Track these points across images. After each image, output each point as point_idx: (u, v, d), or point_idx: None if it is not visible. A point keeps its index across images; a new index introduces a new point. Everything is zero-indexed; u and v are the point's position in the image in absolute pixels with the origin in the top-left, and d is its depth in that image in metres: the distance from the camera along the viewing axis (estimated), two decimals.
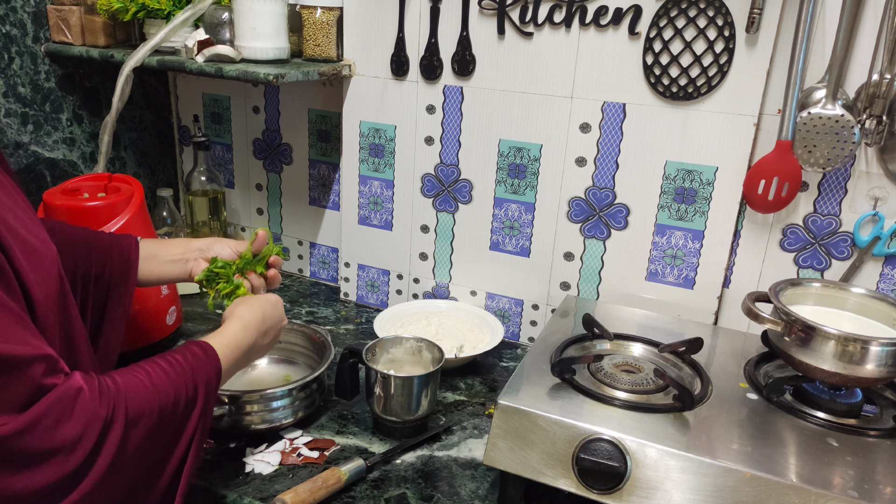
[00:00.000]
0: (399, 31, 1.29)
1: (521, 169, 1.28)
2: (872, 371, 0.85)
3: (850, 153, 1.03)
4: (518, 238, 1.33)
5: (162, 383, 0.71)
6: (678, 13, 1.08)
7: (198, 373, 0.76)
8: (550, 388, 0.91)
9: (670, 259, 1.22)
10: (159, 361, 0.74)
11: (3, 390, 0.57)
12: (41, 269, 0.68)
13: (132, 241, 0.99)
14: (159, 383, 0.71)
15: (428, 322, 1.33)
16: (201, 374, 0.76)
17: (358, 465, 0.94)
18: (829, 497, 0.73)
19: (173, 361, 0.75)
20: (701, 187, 1.16)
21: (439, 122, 1.32)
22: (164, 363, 0.74)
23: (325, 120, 1.50)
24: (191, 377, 0.75)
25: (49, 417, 0.59)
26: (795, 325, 0.89)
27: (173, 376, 0.73)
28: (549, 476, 0.84)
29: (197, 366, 0.77)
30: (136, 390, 0.68)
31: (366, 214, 1.47)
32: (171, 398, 0.72)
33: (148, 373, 0.71)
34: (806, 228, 1.12)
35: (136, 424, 0.67)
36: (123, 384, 0.68)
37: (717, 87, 1.10)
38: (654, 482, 0.79)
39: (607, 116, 1.18)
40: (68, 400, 0.61)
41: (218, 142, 1.65)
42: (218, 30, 1.29)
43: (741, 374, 0.98)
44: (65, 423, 0.60)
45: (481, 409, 1.14)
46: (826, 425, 0.86)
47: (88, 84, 1.48)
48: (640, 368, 0.98)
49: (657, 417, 0.85)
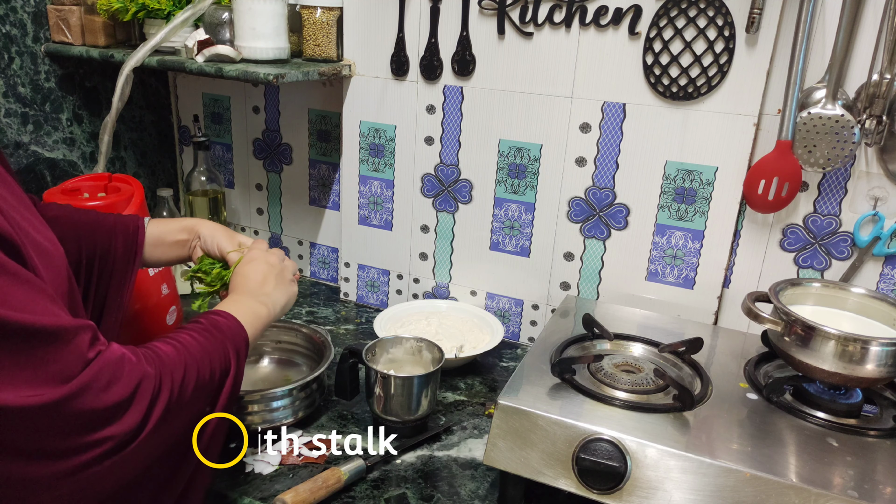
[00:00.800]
0: (399, 31, 1.29)
1: (521, 169, 1.28)
2: (872, 371, 0.85)
3: (850, 153, 1.03)
4: (518, 238, 1.33)
5: (195, 352, 0.74)
6: (678, 13, 1.08)
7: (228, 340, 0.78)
8: (550, 388, 0.91)
9: (670, 259, 1.22)
10: (190, 331, 0.77)
11: (54, 361, 0.59)
12: (51, 268, 0.69)
13: (138, 222, 0.98)
14: (193, 352, 0.74)
15: (428, 322, 1.33)
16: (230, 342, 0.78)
17: (358, 465, 0.95)
18: (829, 497, 0.73)
19: (202, 329, 0.77)
20: (701, 187, 1.16)
21: (439, 122, 1.32)
22: (194, 332, 0.77)
23: (325, 120, 1.50)
24: (221, 345, 0.77)
25: (100, 380, 0.61)
26: (795, 325, 0.89)
27: (205, 345, 0.75)
28: (549, 476, 0.84)
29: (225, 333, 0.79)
30: (173, 358, 0.71)
31: (366, 214, 1.47)
32: (205, 366, 0.74)
33: (181, 342, 0.74)
34: (806, 228, 1.12)
35: (179, 393, 0.69)
36: (162, 351, 0.71)
37: (717, 87, 1.10)
38: (654, 482, 0.79)
39: (607, 116, 1.18)
40: (115, 363, 0.64)
41: (218, 142, 1.65)
42: (218, 30, 1.29)
43: (741, 374, 0.98)
44: (116, 384, 0.63)
45: (481, 409, 1.14)
46: (826, 425, 0.86)
47: (88, 84, 1.48)
48: (640, 368, 0.98)
49: (657, 417, 0.85)
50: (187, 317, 1.38)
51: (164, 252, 1.00)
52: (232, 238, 1.00)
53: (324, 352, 1.13)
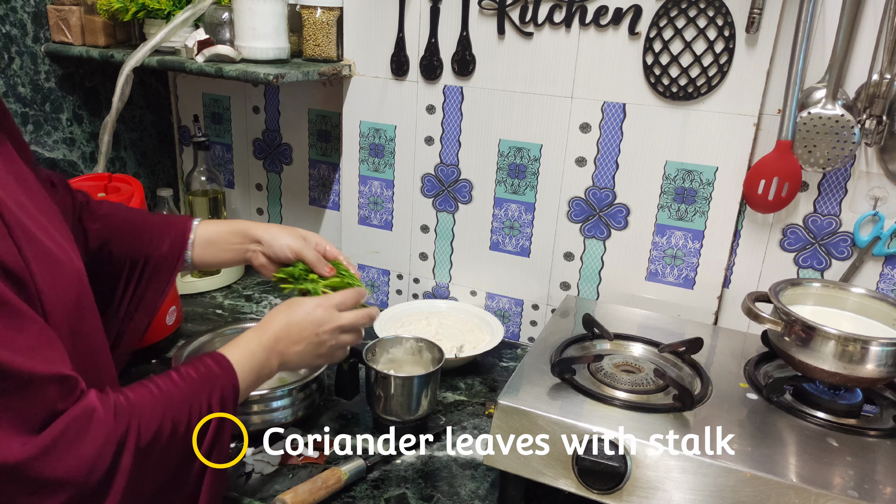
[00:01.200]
0: (399, 31, 1.29)
1: (521, 169, 1.28)
2: (872, 371, 0.85)
3: (850, 153, 1.03)
4: (518, 238, 1.33)
5: (174, 398, 0.69)
6: (678, 13, 1.08)
7: (212, 387, 0.73)
8: (550, 388, 0.91)
9: (670, 259, 1.22)
10: (172, 375, 0.72)
11: (19, 410, 0.57)
12: (59, 279, 0.67)
13: (187, 224, 0.97)
14: (171, 398, 0.69)
15: (428, 322, 1.33)
16: (216, 389, 0.73)
17: (358, 465, 0.95)
18: (829, 497, 0.73)
19: (185, 375, 0.72)
20: (701, 187, 1.16)
21: (439, 122, 1.32)
22: (176, 376, 0.72)
23: (325, 120, 1.50)
24: (204, 391, 0.72)
25: (64, 440, 0.59)
26: (795, 325, 0.89)
27: (185, 390, 0.71)
28: (549, 476, 0.84)
29: (211, 379, 0.74)
30: (147, 405, 0.67)
31: (366, 214, 1.47)
32: (183, 413, 0.69)
33: (159, 387, 0.70)
34: (806, 228, 1.12)
35: (149, 442, 0.65)
36: (136, 399, 0.66)
37: (717, 87, 1.10)
38: (654, 482, 0.79)
39: (607, 116, 1.18)
40: (83, 421, 0.61)
41: (218, 142, 1.65)
42: (218, 30, 1.29)
43: (741, 374, 0.98)
44: (79, 445, 0.60)
45: (481, 409, 1.14)
46: (826, 425, 0.86)
47: (88, 84, 1.48)
48: (640, 368, 0.98)
49: (657, 417, 0.85)
50: (187, 317, 1.38)
51: (215, 255, 0.99)
52: (296, 235, 0.98)
53: None
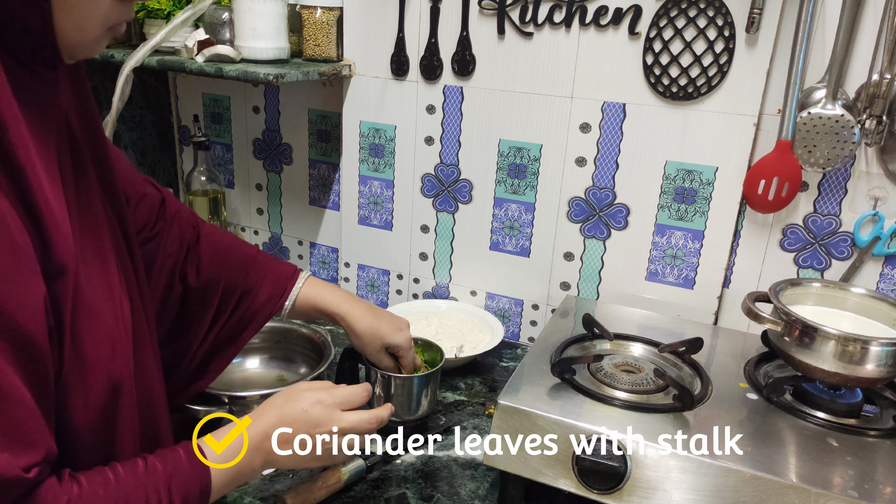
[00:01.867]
0: (399, 31, 1.29)
1: (521, 169, 1.28)
2: (872, 371, 0.85)
3: (850, 153, 1.03)
4: (518, 238, 1.33)
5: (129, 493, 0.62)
6: (678, 13, 1.08)
7: (174, 485, 0.65)
8: (550, 388, 0.91)
9: (670, 259, 1.22)
10: (137, 464, 0.65)
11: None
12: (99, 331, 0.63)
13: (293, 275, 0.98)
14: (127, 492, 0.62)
15: (428, 322, 1.33)
16: (178, 489, 0.65)
17: (358, 466, 0.95)
18: (829, 497, 0.73)
19: (150, 467, 0.65)
20: (701, 187, 1.16)
21: (439, 122, 1.32)
22: (140, 466, 0.65)
23: (325, 120, 1.50)
24: (163, 489, 0.64)
25: None
26: (795, 325, 0.89)
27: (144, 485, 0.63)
28: (549, 476, 0.84)
29: (176, 475, 0.66)
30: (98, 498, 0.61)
31: (366, 214, 1.47)
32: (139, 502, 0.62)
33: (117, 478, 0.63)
34: (806, 228, 1.12)
35: None
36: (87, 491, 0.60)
37: (717, 87, 1.10)
38: (654, 482, 0.79)
39: (607, 116, 1.18)
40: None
41: (218, 142, 1.65)
42: (218, 30, 1.29)
43: (741, 374, 0.98)
44: None
45: (481, 409, 1.14)
46: (826, 425, 0.86)
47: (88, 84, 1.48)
48: (640, 368, 0.98)
49: (657, 417, 0.85)
50: None
51: (308, 316, 1.00)
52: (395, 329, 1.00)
53: (324, 352, 1.13)
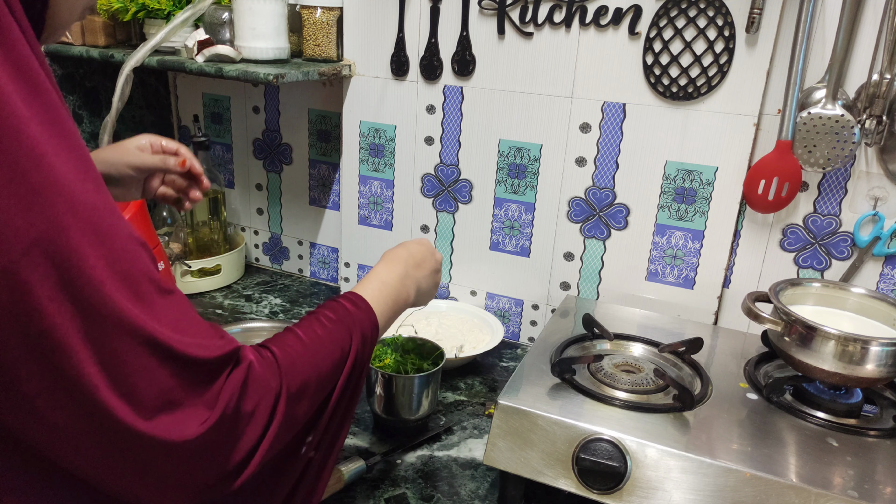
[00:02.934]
0: (399, 31, 1.29)
1: (521, 169, 1.28)
2: (872, 371, 0.85)
3: (850, 153, 1.03)
4: (518, 238, 1.33)
5: (318, 348, 0.70)
6: (678, 13, 1.08)
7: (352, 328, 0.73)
8: (550, 388, 0.91)
9: (670, 259, 1.22)
10: (312, 324, 0.72)
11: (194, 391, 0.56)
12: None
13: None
14: (315, 349, 0.69)
15: (428, 322, 1.33)
16: (356, 329, 0.74)
17: (358, 465, 0.95)
18: (829, 497, 0.73)
19: (325, 321, 0.72)
20: (701, 187, 1.16)
21: (439, 122, 1.32)
22: (316, 325, 0.72)
23: (325, 120, 1.50)
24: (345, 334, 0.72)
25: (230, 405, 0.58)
26: (795, 325, 0.89)
27: (326, 338, 0.71)
28: (549, 476, 0.84)
29: (350, 320, 0.74)
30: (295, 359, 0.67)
31: (366, 214, 1.47)
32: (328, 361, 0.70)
33: (301, 339, 0.69)
34: (806, 228, 1.12)
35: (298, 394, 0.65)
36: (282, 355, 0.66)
37: (717, 87, 1.10)
38: (654, 482, 0.79)
39: (607, 116, 1.18)
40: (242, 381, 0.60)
41: (218, 142, 1.65)
42: (218, 30, 1.29)
43: (741, 374, 0.98)
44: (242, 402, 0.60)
45: (481, 409, 1.14)
46: (826, 425, 0.86)
47: (88, 84, 1.48)
48: (640, 368, 0.98)
49: (657, 417, 0.85)
50: None
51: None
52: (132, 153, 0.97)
53: None
